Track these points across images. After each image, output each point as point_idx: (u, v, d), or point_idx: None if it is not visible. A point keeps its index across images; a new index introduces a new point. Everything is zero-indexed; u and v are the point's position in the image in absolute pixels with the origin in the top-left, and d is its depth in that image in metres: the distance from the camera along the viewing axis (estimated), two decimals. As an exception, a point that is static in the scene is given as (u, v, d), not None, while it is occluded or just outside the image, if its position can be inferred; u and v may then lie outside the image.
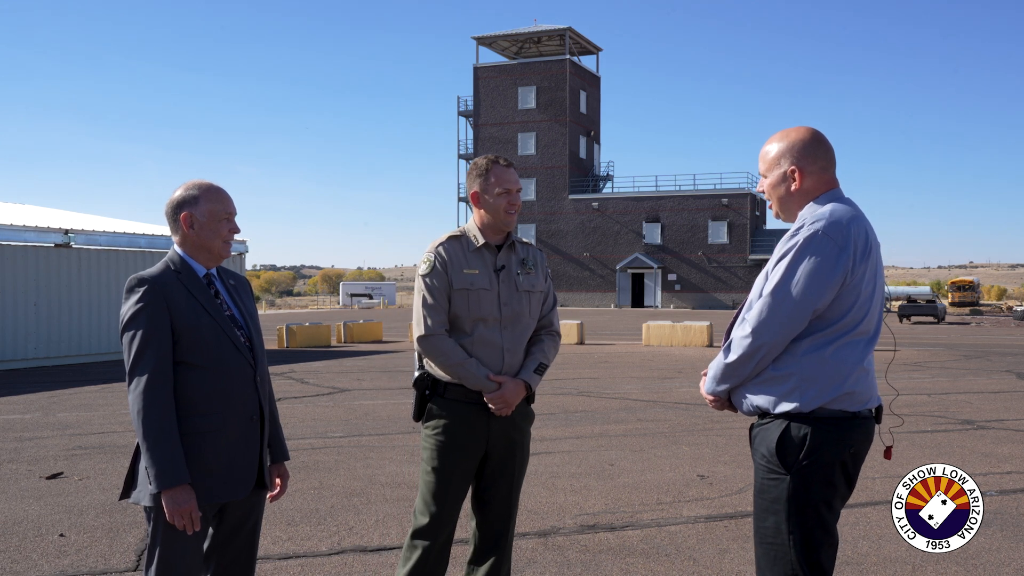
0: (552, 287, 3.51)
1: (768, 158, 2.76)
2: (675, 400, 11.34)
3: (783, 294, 2.53)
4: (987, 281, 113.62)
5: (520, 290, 3.32)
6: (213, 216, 2.82)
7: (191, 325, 2.73)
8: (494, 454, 3.29)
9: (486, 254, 3.31)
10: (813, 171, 2.69)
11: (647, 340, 22.69)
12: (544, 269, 3.45)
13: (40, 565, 4.61)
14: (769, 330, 2.55)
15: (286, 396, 11.70)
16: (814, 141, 2.72)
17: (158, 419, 2.64)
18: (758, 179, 2.95)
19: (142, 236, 18.96)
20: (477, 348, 3.24)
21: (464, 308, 3.24)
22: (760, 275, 2.71)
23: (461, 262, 3.27)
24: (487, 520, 3.33)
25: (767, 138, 2.83)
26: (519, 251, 3.39)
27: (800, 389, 2.56)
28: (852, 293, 2.56)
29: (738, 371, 2.64)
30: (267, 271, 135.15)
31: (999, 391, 12.47)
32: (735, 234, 56.41)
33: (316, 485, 6.38)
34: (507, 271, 3.31)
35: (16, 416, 10.03)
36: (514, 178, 3.32)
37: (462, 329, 3.25)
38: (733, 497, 6.07)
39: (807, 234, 2.54)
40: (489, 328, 3.25)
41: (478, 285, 3.25)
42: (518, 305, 3.30)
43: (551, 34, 61.22)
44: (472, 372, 3.19)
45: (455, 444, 3.24)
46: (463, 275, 3.25)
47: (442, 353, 3.20)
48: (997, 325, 37.94)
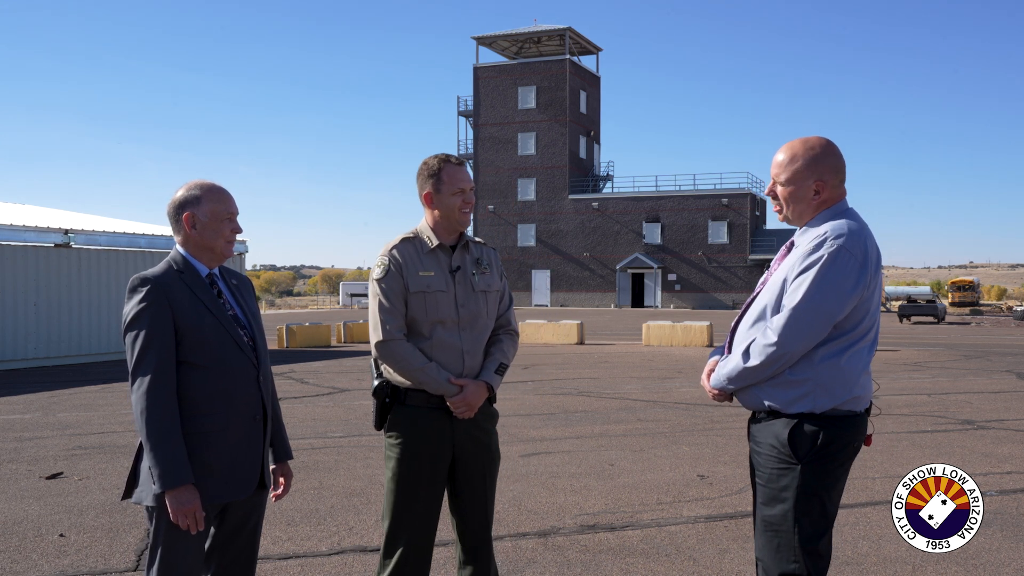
0: (507, 286, 3.46)
1: (791, 168, 2.82)
2: (675, 400, 11.34)
3: (809, 307, 2.65)
4: (987, 281, 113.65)
5: (476, 290, 3.27)
6: (215, 216, 2.82)
7: (194, 325, 2.73)
8: (462, 457, 3.24)
9: (440, 255, 3.25)
10: (834, 184, 2.82)
11: (647, 340, 22.69)
12: (499, 268, 3.40)
13: (40, 565, 4.61)
14: (793, 340, 2.67)
15: (286, 396, 11.69)
16: (835, 155, 2.84)
17: (161, 419, 2.64)
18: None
19: (142, 236, 18.97)
20: (436, 351, 3.18)
21: (421, 311, 3.18)
22: (772, 279, 2.80)
23: (416, 264, 3.21)
24: (467, 523, 3.29)
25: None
26: (473, 251, 3.34)
27: (814, 394, 2.70)
28: (865, 304, 2.72)
29: (756, 375, 2.76)
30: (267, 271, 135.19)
31: (999, 391, 12.47)
32: (735, 234, 56.39)
33: (316, 485, 6.38)
34: (462, 272, 3.26)
35: (16, 416, 10.03)
36: (467, 176, 3.26)
37: (420, 333, 3.19)
38: (733, 497, 6.07)
39: (831, 250, 2.66)
40: (447, 330, 3.20)
41: (434, 287, 3.19)
42: (475, 306, 3.26)
43: (551, 34, 61.19)
44: (433, 376, 3.13)
45: (419, 451, 3.18)
46: (419, 277, 3.19)
47: (401, 358, 3.14)
48: (997, 325, 37.93)
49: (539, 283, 60.62)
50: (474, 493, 3.28)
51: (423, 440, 3.18)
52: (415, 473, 3.18)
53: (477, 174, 61.39)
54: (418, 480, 3.19)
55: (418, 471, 3.19)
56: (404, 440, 3.19)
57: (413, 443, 3.18)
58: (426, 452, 3.19)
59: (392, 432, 3.23)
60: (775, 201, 2.88)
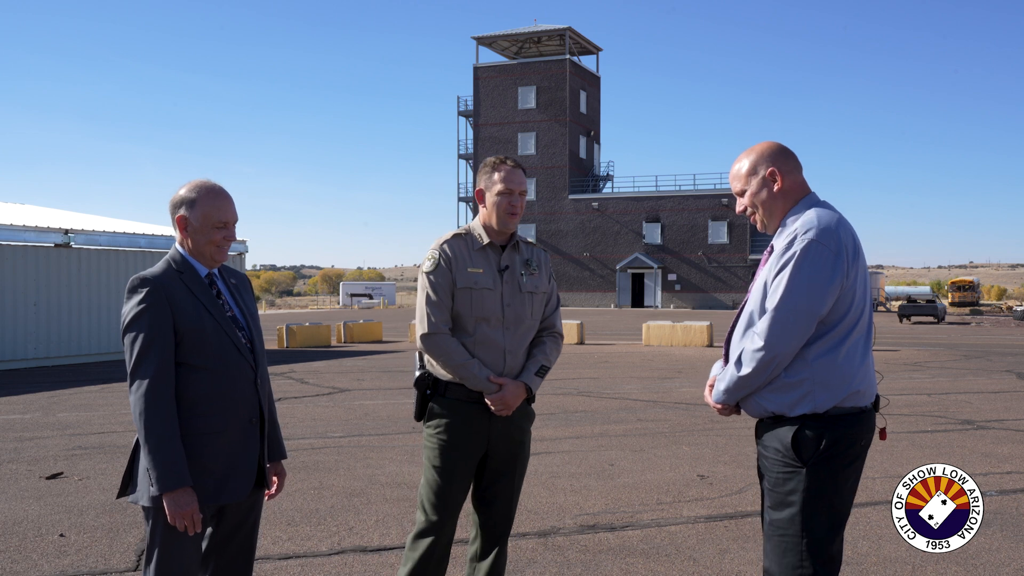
0: (555, 288, 3.51)
1: (742, 173, 2.87)
2: (675, 400, 11.34)
3: (789, 306, 2.63)
4: (987, 281, 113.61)
5: (523, 291, 3.31)
6: (207, 221, 2.78)
7: (194, 327, 2.72)
8: (495, 454, 3.29)
9: (490, 253, 3.30)
10: (790, 172, 2.82)
11: (647, 340, 22.70)
12: (548, 270, 3.45)
13: (40, 565, 4.61)
14: (780, 342, 2.64)
15: (286, 396, 11.70)
16: (781, 148, 2.87)
17: (160, 421, 2.63)
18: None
19: (142, 236, 18.96)
20: (479, 348, 3.23)
21: (467, 307, 3.22)
22: (756, 284, 2.80)
23: (465, 260, 3.26)
24: (490, 518, 3.33)
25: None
26: (523, 251, 3.38)
27: (813, 394, 2.67)
28: (849, 294, 2.68)
29: (751, 383, 2.74)
30: (267, 271, 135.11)
31: (999, 391, 12.47)
32: (735, 234, 56.40)
33: (316, 485, 6.38)
34: (511, 271, 3.31)
35: (16, 416, 10.03)
36: (519, 179, 3.30)
37: (464, 328, 3.24)
38: (733, 497, 6.07)
39: (802, 245, 2.65)
40: (491, 328, 3.25)
41: (481, 284, 3.24)
42: (520, 306, 3.30)
43: (551, 34, 61.20)
44: (474, 373, 3.18)
45: (456, 443, 3.24)
46: (467, 273, 3.24)
47: (445, 352, 3.19)
48: (997, 325, 37.92)
49: (539, 283, 60.57)
50: (503, 490, 3.33)
51: (460, 433, 3.24)
52: (452, 463, 3.24)
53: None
54: (453, 471, 3.24)
55: (455, 462, 3.24)
56: (443, 431, 3.25)
57: (451, 435, 3.24)
58: (462, 445, 3.24)
59: (431, 422, 3.28)
60: (752, 215, 2.89)
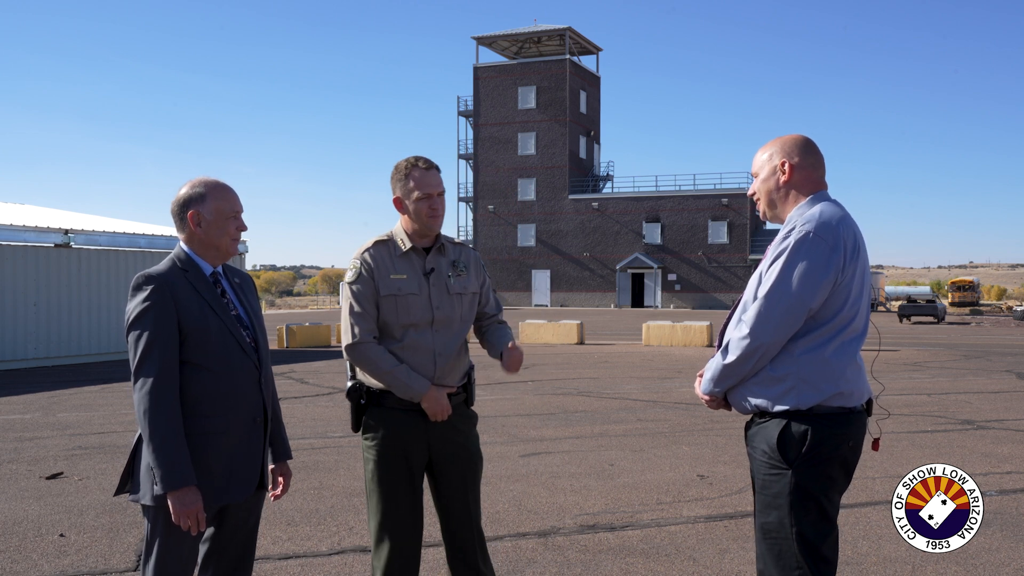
0: (490, 285, 3.45)
1: (761, 158, 2.87)
2: (675, 400, 11.34)
3: (778, 295, 2.60)
4: (987, 281, 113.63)
5: (451, 293, 3.26)
6: (220, 214, 2.81)
7: (198, 325, 2.72)
8: (439, 459, 3.25)
9: (414, 258, 3.25)
10: (802, 167, 2.79)
11: (647, 340, 22.69)
12: (477, 269, 3.39)
13: (40, 565, 4.61)
14: (766, 331, 2.60)
15: (286, 396, 11.69)
16: (805, 142, 2.85)
17: (165, 420, 2.63)
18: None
19: (142, 236, 18.96)
20: (408, 353, 3.18)
21: (392, 314, 3.18)
22: (753, 276, 2.77)
23: (388, 267, 3.21)
24: (449, 525, 3.30)
25: (767, 139, 2.95)
26: (450, 252, 3.33)
27: (797, 389, 2.62)
28: (843, 292, 2.64)
29: (736, 372, 2.70)
30: (267, 271, 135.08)
31: (999, 391, 12.47)
32: (735, 234, 56.40)
33: (316, 485, 6.38)
34: (437, 274, 3.25)
35: (16, 416, 10.03)
36: (435, 181, 3.22)
37: (392, 335, 3.19)
38: (733, 497, 6.07)
39: (799, 236, 2.62)
40: (420, 332, 3.19)
41: (406, 290, 3.19)
42: (450, 308, 3.25)
43: (551, 34, 61.18)
44: (401, 380, 3.13)
45: (395, 453, 3.18)
46: (390, 280, 3.19)
47: (371, 361, 3.14)
48: (997, 325, 37.92)
49: (539, 283, 60.61)
50: (453, 494, 3.28)
51: (399, 442, 3.19)
52: (393, 474, 3.19)
53: (477, 174, 61.41)
54: (397, 481, 3.19)
55: (396, 472, 3.19)
56: (379, 442, 3.20)
57: (389, 445, 3.19)
58: (402, 453, 3.20)
59: (368, 434, 3.24)
60: (757, 200, 2.88)
